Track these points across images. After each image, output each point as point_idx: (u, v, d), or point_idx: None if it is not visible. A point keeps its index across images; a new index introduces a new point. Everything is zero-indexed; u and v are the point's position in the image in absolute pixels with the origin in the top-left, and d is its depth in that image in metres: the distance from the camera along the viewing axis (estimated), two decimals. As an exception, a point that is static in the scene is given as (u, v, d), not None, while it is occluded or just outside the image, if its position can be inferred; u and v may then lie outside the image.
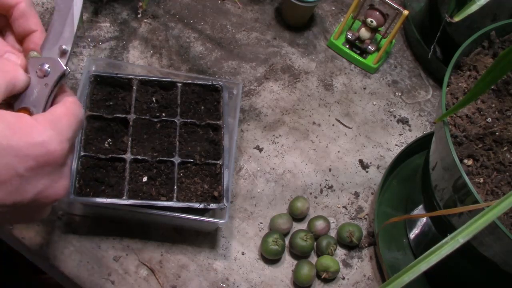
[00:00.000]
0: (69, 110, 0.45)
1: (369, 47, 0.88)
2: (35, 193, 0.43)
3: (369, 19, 0.86)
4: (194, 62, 0.85)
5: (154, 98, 0.71)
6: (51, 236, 0.67)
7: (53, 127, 0.43)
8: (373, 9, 0.86)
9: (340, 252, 0.73)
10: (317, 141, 0.82)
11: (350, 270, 0.72)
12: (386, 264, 0.71)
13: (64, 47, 0.47)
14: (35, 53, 0.48)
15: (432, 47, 0.83)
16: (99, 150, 0.66)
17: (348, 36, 0.89)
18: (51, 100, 0.47)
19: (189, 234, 0.70)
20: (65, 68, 0.46)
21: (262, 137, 0.80)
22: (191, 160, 0.67)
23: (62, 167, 0.45)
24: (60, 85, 0.47)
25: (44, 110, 0.46)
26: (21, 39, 0.51)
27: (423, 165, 0.69)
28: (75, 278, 0.65)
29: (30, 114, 0.46)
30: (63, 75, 0.46)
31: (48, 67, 0.46)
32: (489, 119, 0.59)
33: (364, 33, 0.88)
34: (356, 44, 0.90)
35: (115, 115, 0.68)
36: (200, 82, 0.73)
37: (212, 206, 0.64)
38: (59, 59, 0.47)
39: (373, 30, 0.88)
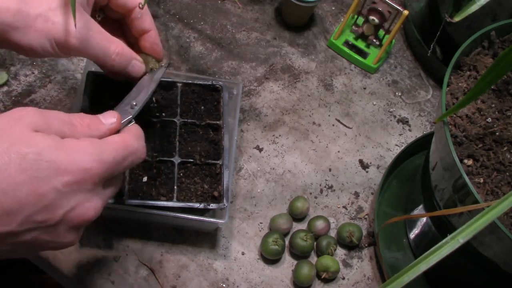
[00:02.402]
0: (121, 139, 0.49)
1: (374, 41, 0.89)
2: (66, 211, 0.43)
3: (371, 17, 0.86)
4: (194, 62, 0.85)
5: (154, 98, 0.71)
6: (51, 236, 0.67)
7: (95, 147, 0.45)
8: (373, 9, 0.86)
9: (340, 252, 0.73)
10: (317, 141, 0.82)
11: (350, 270, 0.72)
12: (386, 264, 0.71)
13: (134, 103, 0.57)
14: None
15: (431, 46, 0.83)
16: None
17: (354, 29, 0.90)
18: None
19: (189, 234, 0.70)
20: (132, 115, 0.54)
21: (262, 137, 0.80)
22: (191, 160, 0.67)
23: (97, 187, 0.46)
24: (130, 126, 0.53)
25: None
26: (137, 37, 0.60)
27: (423, 165, 0.69)
28: (75, 278, 0.65)
29: None
30: (130, 121, 0.54)
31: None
32: (489, 119, 0.59)
33: (367, 29, 0.89)
34: (355, 45, 0.90)
35: (115, 115, 0.68)
36: (200, 82, 0.73)
37: (212, 206, 0.64)
38: (129, 110, 0.56)
39: (376, 27, 0.88)
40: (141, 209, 0.63)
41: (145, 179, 0.65)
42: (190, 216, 0.64)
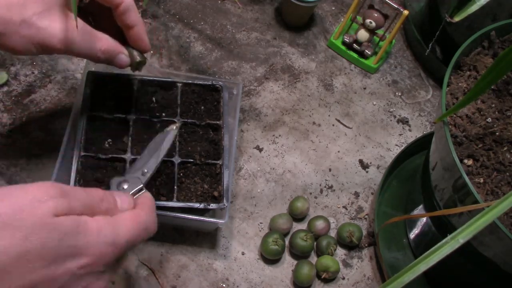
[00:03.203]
0: (135, 217, 0.49)
1: (366, 51, 0.88)
2: None
3: (368, 20, 0.86)
4: (194, 62, 0.85)
5: (154, 98, 0.71)
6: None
7: (111, 228, 0.46)
8: (372, 9, 0.86)
9: (340, 252, 0.73)
10: (317, 141, 0.82)
11: (350, 270, 0.72)
12: (386, 264, 0.71)
13: (145, 170, 0.58)
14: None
15: (430, 45, 0.83)
16: (99, 150, 0.66)
17: (345, 39, 0.89)
18: None
19: (189, 234, 0.70)
20: (142, 184, 0.55)
21: (262, 137, 0.80)
22: (191, 160, 0.67)
23: (108, 268, 0.46)
24: (141, 195, 0.54)
25: None
26: (124, 31, 0.60)
27: (423, 165, 0.69)
28: (75, 278, 0.65)
29: None
30: (141, 189, 0.54)
31: (127, 185, 0.55)
32: (489, 119, 0.59)
33: (362, 34, 0.88)
34: (353, 47, 0.90)
35: (115, 115, 0.68)
36: (200, 82, 0.73)
37: (212, 206, 0.64)
38: (140, 177, 0.57)
39: (372, 31, 0.88)
40: (141, 209, 0.63)
41: (145, 179, 0.65)
42: (190, 216, 0.64)
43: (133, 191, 0.54)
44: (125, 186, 0.54)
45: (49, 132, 0.73)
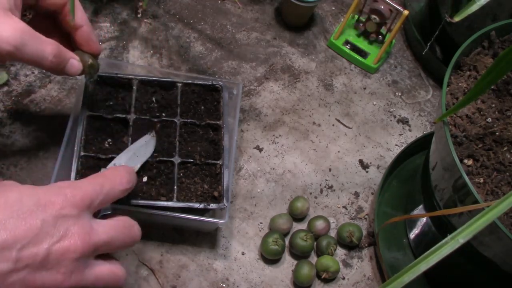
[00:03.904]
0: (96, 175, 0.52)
1: (379, 37, 0.90)
2: (51, 242, 0.45)
3: (372, 16, 0.87)
4: (194, 62, 0.85)
5: (154, 98, 0.71)
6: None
7: (71, 183, 0.49)
8: (374, 8, 0.86)
9: (340, 252, 0.73)
10: (317, 141, 0.82)
11: (350, 270, 0.72)
12: (386, 264, 0.71)
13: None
14: None
15: (428, 44, 0.83)
16: (99, 150, 0.66)
17: (357, 25, 0.91)
18: None
19: (189, 234, 0.70)
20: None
21: (262, 137, 0.80)
22: (191, 160, 0.67)
23: (82, 215, 0.47)
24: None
25: None
26: (71, 33, 0.60)
27: (423, 165, 0.69)
28: (75, 278, 0.65)
29: None
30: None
31: None
32: (489, 119, 0.59)
33: (371, 25, 0.89)
34: (355, 45, 0.90)
35: (115, 115, 0.68)
36: (200, 82, 0.73)
37: (212, 206, 0.64)
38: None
39: (378, 25, 0.88)
40: (141, 209, 0.63)
41: (145, 179, 0.65)
42: (190, 216, 0.64)
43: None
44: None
45: (49, 132, 0.73)
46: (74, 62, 0.59)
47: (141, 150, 0.64)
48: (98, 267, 0.48)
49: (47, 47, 0.54)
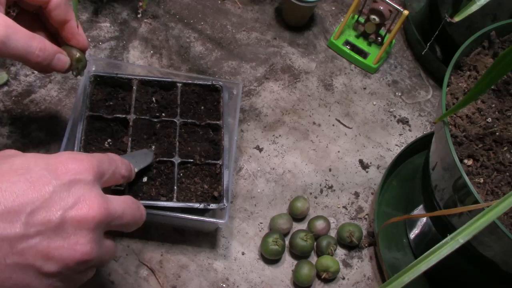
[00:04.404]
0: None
1: (378, 38, 0.90)
2: (66, 207, 0.42)
3: (372, 16, 0.87)
4: (194, 62, 0.85)
5: (154, 98, 0.71)
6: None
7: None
8: (374, 8, 0.86)
9: (340, 252, 0.73)
10: (317, 141, 0.82)
11: (350, 270, 0.72)
12: (386, 264, 0.71)
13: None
14: None
15: (428, 44, 0.83)
16: (99, 150, 0.66)
17: (359, 25, 0.90)
18: None
19: (189, 234, 0.70)
20: None
21: (262, 137, 0.80)
22: (191, 160, 0.67)
23: (96, 182, 0.45)
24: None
25: None
26: (58, 29, 0.59)
27: (423, 165, 0.69)
28: (75, 278, 0.65)
29: None
30: None
31: None
32: (489, 119, 0.59)
33: (369, 26, 0.89)
34: (355, 45, 0.90)
35: (115, 115, 0.68)
36: (200, 82, 0.73)
37: (212, 206, 0.64)
38: None
39: (377, 25, 0.88)
40: (141, 209, 0.63)
41: (145, 179, 0.65)
42: (190, 216, 0.64)
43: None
44: None
45: (49, 132, 0.73)
46: (61, 56, 0.58)
47: (140, 157, 0.64)
48: (106, 242, 0.47)
49: (33, 41, 0.54)
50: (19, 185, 0.40)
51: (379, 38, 0.90)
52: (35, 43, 0.54)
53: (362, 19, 0.91)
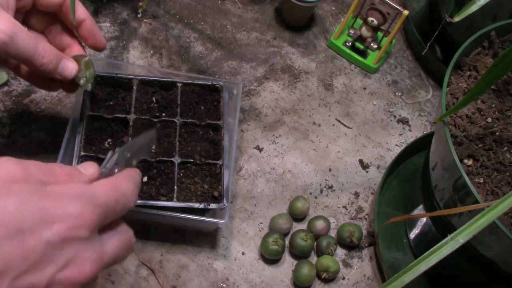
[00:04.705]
0: (109, 181, 0.43)
1: (372, 44, 0.89)
2: (59, 267, 0.36)
3: (370, 18, 0.86)
4: (194, 62, 0.85)
5: (154, 98, 0.71)
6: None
7: (84, 190, 0.40)
8: (373, 9, 0.86)
9: (340, 252, 0.73)
10: (317, 141, 0.82)
11: (350, 270, 0.72)
12: (386, 264, 0.71)
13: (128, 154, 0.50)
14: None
15: (428, 44, 0.83)
16: (99, 150, 0.66)
17: (350, 33, 0.90)
18: None
19: (189, 234, 0.70)
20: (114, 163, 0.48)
21: (262, 137, 0.80)
22: (191, 160, 0.67)
23: (93, 236, 0.39)
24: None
25: None
26: (74, 30, 0.61)
27: (423, 165, 0.69)
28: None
29: None
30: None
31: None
32: (489, 119, 0.59)
33: (365, 31, 0.88)
34: (355, 45, 0.90)
35: (115, 115, 0.68)
36: (200, 82, 0.73)
37: (212, 206, 0.64)
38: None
39: (375, 29, 0.88)
40: (141, 209, 0.63)
41: (145, 179, 0.65)
42: (190, 216, 0.64)
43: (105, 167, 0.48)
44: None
45: (49, 132, 0.73)
46: (68, 62, 0.58)
47: (144, 143, 0.58)
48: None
49: (39, 43, 0.54)
50: (7, 245, 0.35)
51: (373, 45, 0.89)
52: (41, 45, 0.54)
53: (356, 26, 0.91)
